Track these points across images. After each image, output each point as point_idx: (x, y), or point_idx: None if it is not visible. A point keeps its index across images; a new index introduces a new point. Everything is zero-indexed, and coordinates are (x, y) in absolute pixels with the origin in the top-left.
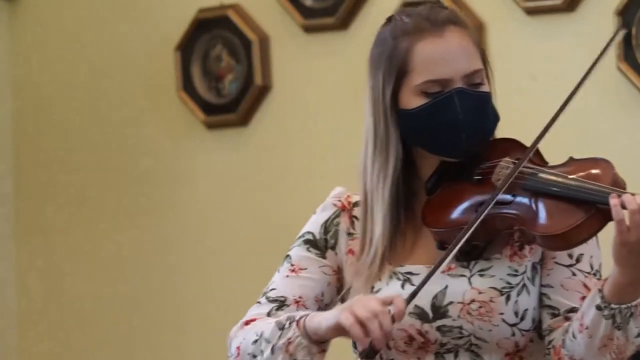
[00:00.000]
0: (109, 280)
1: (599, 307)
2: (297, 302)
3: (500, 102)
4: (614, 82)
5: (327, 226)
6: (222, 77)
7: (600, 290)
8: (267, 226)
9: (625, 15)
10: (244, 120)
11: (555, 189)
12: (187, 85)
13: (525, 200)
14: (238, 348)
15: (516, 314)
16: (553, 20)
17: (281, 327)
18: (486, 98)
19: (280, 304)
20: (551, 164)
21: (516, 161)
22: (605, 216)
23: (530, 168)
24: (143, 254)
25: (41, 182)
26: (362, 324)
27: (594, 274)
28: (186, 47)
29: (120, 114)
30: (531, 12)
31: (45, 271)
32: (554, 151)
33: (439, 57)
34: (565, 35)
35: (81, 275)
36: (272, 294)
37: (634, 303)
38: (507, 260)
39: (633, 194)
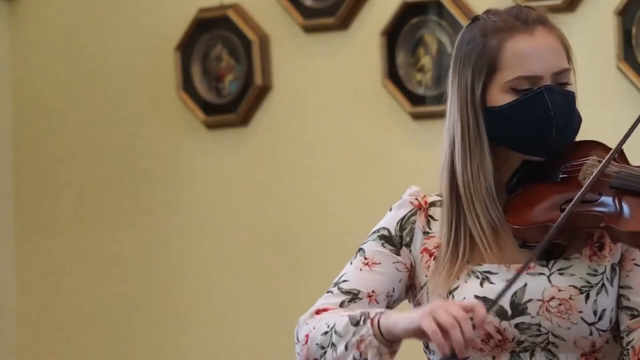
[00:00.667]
0: (109, 280)
1: None
2: (369, 296)
3: None
4: (614, 82)
5: (403, 223)
6: (222, 77)
7: None
8: (266, 226)
9: (625, 15)
10: (244, 120)
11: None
12: (187, 85)
13: (610, 199)
14: (307, 336)
15: (595, 313)
16: (553, 20)
17: (355, 323)
18: (573, 98)
19: (354, 296)
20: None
21: (601, 159)
22: None
23: (615, 167)
24: (143, 254)
25: (41, 181)
26: (444, 330)
27: None
28: (186, 47)
29: (120, 114)
30: None
31: (45, 271)
32: None
33: (530, 54)
34: (565, 35)
35: (81, 275)
36: (344, 286)
37: None
38: (586, 260)
39: None
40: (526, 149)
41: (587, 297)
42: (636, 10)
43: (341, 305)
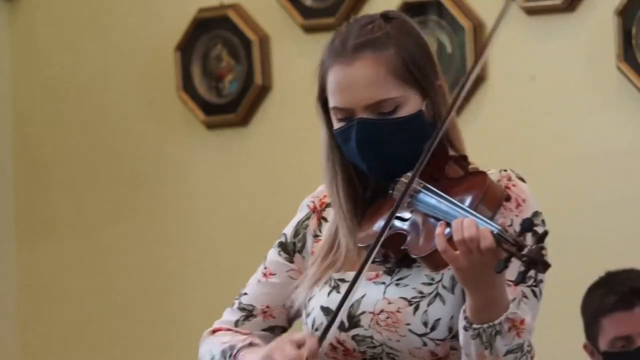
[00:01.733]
0: (109, 279)
1: (465, 328)
2: (264, 312)
3: (499, 102)
4: (614, 82)
5: (297, 229)
6: (222, 77)
7: (464, 311)
8: (266, 226)
9: (625, 15)
10: (244, 120)
11: (431, 209)
12: (187, 85)
13: (417, 219)
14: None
15: (425, 324)
16: (553, 20)
17: (225, 357)
18: (395, 125)
19: (248, 313)
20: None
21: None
22: None
23: (422, 185)
24: (143, 254)
25: (41, 182)
26: None
27: (526, 282)
28: (186, 47)
29: (120, 114)
30: (531, 12)
31: (45, 272)
32: (555, 150)
33: (342, 87)
34: (565, 36)
35: (82, 276)
36: (244, 300)
37: (496, 322)
38: (425, 269)
39: (482, 220)
40: (363, 172)
41: (417, 308)
42: (636, 10)
43: (236, 324)
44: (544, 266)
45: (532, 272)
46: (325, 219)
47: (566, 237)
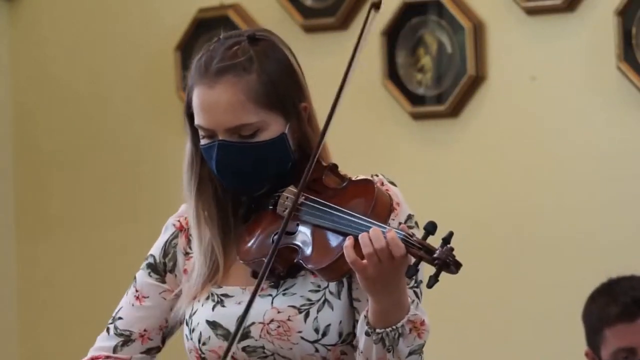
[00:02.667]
0: (110, 279)
1: (367, 333)
2: (142, 336)
3: (499, 102)
4: (614, 82)
5: (166, 249)
6: None
7: (365, 317)
8: None
9: (625, 15)
10: None
11: (320, 220)
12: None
13: (305, 232)
14: None
15: (317, 330)
16: (553, 20)
17: None
18: (254, 148)
19: (126, 338)
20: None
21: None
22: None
23: (305, 198)
24: (143, 254)
25: (41, 182)
26: None
27: (412, 285)
28: (186, 47)
29: (120, 113)
30: (531, 12)
31: (45, 270)
32: (555, 150)
33: (204, 108)
34: (566, 36)
35: (82, 275)
36: (120, 325)
37: (398, 324)
38: (310, 277)
39: (383, 227)
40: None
41: (307, 315)
42: (636, 10)
43: (114, 349)
44: (456, 266)
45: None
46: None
47: (566, 237)
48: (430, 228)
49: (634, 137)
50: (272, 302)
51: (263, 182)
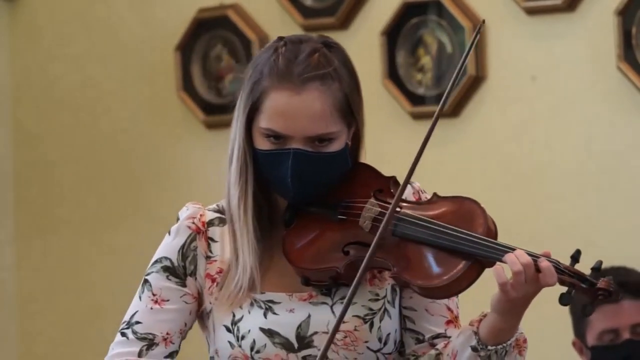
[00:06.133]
0: (109, 279)
1: (475, 349)
2: (165, 339)
3: (499, 102)
4: (614, 82)
5: (184, 252)
6: (222, 77)
7: (475, 333)
8: None
9: (625, 15)
10: None
11: (428, 237)
12: (187, 85)
13: (396, 246)
14: None
15: (380, 339)
16: (553, 20)
17: None
18: (327, 159)
19: (150, 342)
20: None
21: (380, 202)
22: (484, 265)
23: (397, 212)
24: (142, 254)
25: (41, 181)
26: None
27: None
28: (186, 47)
29: (120, 114)
30: (531, 12)
31: (45, 271)
32: (555, 150)
33: (286, 113)
34: (566, 35)
35: (81, 275)
36: (139, 329)
37: (509, 342)
38: (367, 285)
39: (511, 249)
40: (278, 193)
41: (372, 325)
42: (636, 10)
43: (140, 354)
44: (617, 295)
45: None
46: (212, 239)
47: (566, 236)
48: (577, 255)
49: (634, 137)
50: (332, 311)
51: (324, 191)
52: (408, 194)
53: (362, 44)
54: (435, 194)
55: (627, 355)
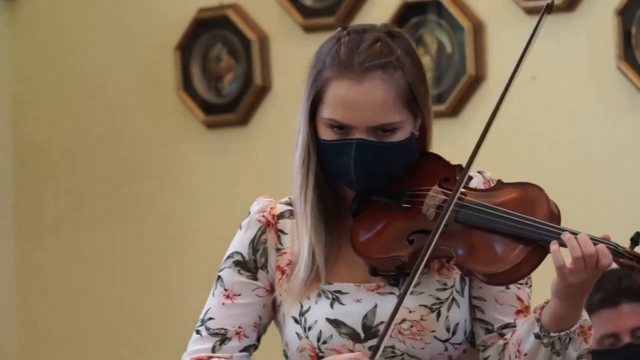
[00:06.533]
0: (108, 279)
1: (537, 336)
2: (237, 333)
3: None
4: (614, 81)
5: (255, 245)
6: (222, 76)
7: (538, 320)
8: None
9: (625, 15)
10: (243, 120)
11: (489, 224)
12: (187, 85)
13: (459, 233)
14: None
15: (448, 329)
16: (553, 19)
17: None
18: (391, 148)
19: (222, 337)
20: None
21: (444, 190)
22: (545, 250)
23: (461, 199)
24: (141, 253)
25: (40, 181)
26: None
27: (526, 283)
28: (186, 46)
29: (120, 114)
30: (531, 11)
31: (44, 270)
32: (555, 150)
33: (347, 103)
34: (566, 35)
35: (81, 275)
36: (212, 325)
37: (572, 329)
38: (435, 275)
39: (574, 233)
40: (343, 183)
41: (439, 314)
42: (636, 9)
43: (213, 349)
44: None
45: None
46: (282, 232)
47: None
48: (637, 238)
49: (634, 136)
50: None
51: (387, 181)
52: (478, 182)
53: None
54: (499, 181)
55: (628, 359)
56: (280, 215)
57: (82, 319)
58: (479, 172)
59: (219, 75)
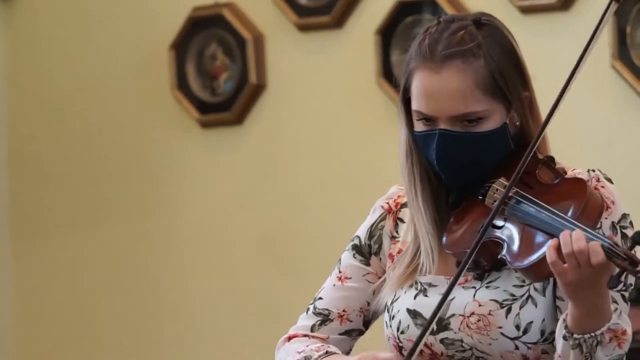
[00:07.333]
0: (103, 279)
1: (565, 337)
2: (340, 316)
3: None
4: (608, 80)
5: (372, 230)
6: (217, 75)
7: (564, 320)
8: (261, 224)
9: (619, 14)
10: (238, 118)
11: (529, 217)
12: (182, 83)
13: (512, 227)
14: None
15: (517, 327)
16: (548, 18)
17: None
18: (477, 139)
19: (324, 318)
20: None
21: (506, 183)
22: None
23: (516, 192)
24: (137, 253)
25: (37, 180)
26: None
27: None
28: (181, 45)
29: (115, 113)
30: (525, 10)
31: (41, 270)
32: (551, 148)
33: (427, 94)
34: (560, 34)
35: (76, 275)
36: (319, 305)
37: (597, 332)
38: (514, 270)
39: (589, 232)
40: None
41: (509, 311)
42: (631, 9)
43: (312, 329)
44: None
45: (624, 277)
46: (401, 220)
47: None
48: (638, 238)
49: (628, 135)
50: (474, 295)
51: (478, 172)
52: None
53: (357, 43)
54: (561, 177)
55: None
56: (405, 204)
57: (78, 320)
58: (590, 170)
59: (214, 74)
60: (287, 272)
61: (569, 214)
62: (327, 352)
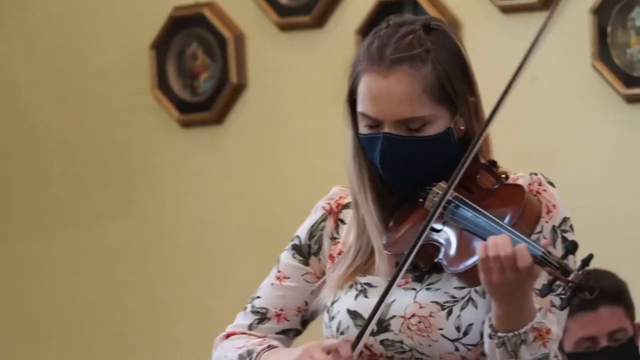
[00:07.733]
0: (82, 278)
1: (490, 336)
2: (278, 315)
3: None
4: (589, 80)
5: (312, 231)
6: (197, 75)
7: (490, 319)
8: (242, 224)
9: (600, 13)
10: (219, 118)
11: (466, 222)
12: (162, 83)
13: (449, 231)
14: None
15: (458, 329)
16: (528, 18)
17: None
18: (422, 143)
19: (262, 316)
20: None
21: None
22: None
23: (455, 197)
24: (117, 252)
25: (14, 180)
26: None
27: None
28: (161, 45)
29: (95, 112)
30: (506, 10)
31: (12, 272)
32: (531, 149)
33: (373, 97)
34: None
35: (55, 274)
36: (257, 303)
37: (521, 330)
38: None
39: (520, 237)
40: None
41: (450, 313)
42: (611, 8)
43: (250, 327)
44: (591, 291)
45: (559, 282)
46: (342, 221)
47: None
48: (571, 248)
49: (609, 135)
50: (415, 297)
51: (422, 176)
52: (524, 183)
53: (338, 42)
54: (502, 182)
55: None
56: (346, 206)
57: (69, 319)
58: (532, 173)
59: (195, 73)
60: (268, 271)
61: (506, 220)
62: (269, 345)
